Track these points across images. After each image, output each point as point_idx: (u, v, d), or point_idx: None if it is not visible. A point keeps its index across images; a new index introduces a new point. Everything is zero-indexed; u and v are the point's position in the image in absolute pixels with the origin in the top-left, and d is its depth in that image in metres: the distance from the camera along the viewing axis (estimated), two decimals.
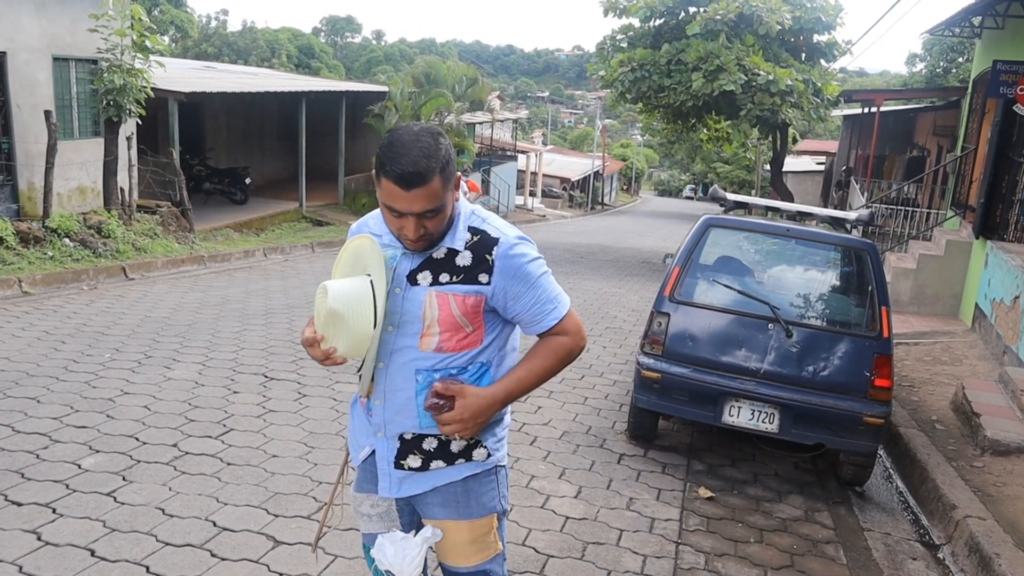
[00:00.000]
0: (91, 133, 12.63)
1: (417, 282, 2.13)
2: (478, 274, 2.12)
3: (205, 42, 58.08)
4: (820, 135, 44.16)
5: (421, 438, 2.19)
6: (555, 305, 2.19)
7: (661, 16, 18.08)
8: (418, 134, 1.99)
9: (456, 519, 2.25)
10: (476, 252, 2.13)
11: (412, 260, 2.14)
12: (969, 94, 13.51)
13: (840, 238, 5.53)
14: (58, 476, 4.26)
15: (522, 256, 2.15)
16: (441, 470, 2.22)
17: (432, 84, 21.25)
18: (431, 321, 2.11)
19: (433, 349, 2.13)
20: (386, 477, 2.24)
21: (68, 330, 7.33)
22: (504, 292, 2.13)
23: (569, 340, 2.22)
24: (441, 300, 2.11)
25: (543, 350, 2.21)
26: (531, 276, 2.15)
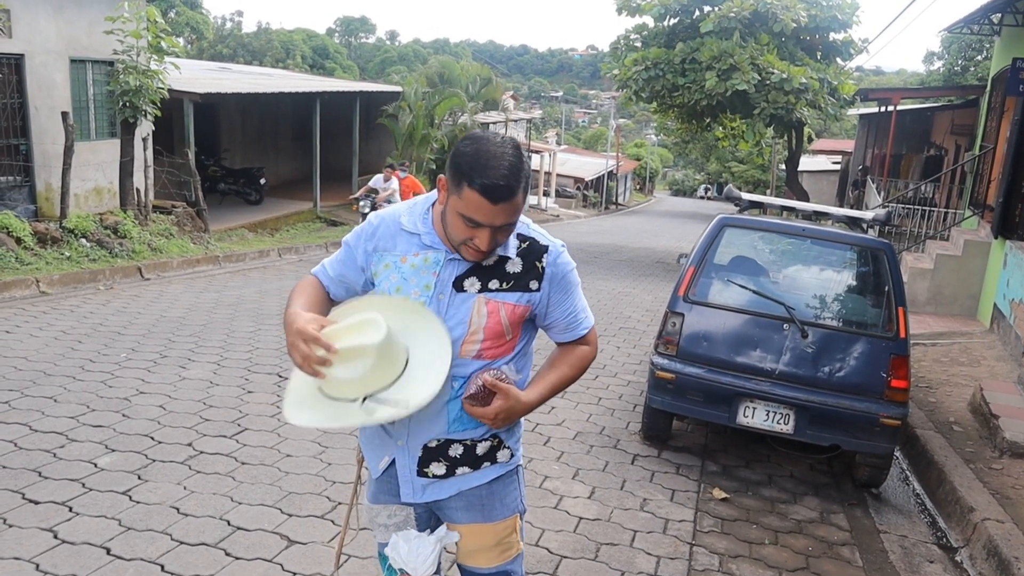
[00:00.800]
0: (107, 134, 12.71)
1: (464, 288, 2.07)
2: (529, 281, 2.11)
3: (220, 43, 58.38)
4: (836, 134, 43.92)
5: (448, 444, 2.13)
6: (587, 315, 2.27)
7: (675, 15, 18.02)
8: (503, 146, 1.94)
9: (481, 522, 2.22)
10: (526, 259, 2.11)
11: (459, 265, 2.08)
12: (988, 92, 13.39)
13: (856, 238, 5.49)
14: (74, 475, 4.29)
15: (568, 264, 2.19)
16: (467, 475, 2.18)
17: (446, 84, 21.28)
18: (477, 328, 2.07)
19: (473, 356, 2.08)
20: (408, 484, 2.18)
21: (85, 330, 7.38)
22: (548, 299, 2.16)
23: (591, 350, 2.31)
24: (491, 307, 2.07)
25: (570, 358, 2.26)
26: (572, 285, 2.20)
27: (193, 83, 14.90)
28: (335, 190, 20.01)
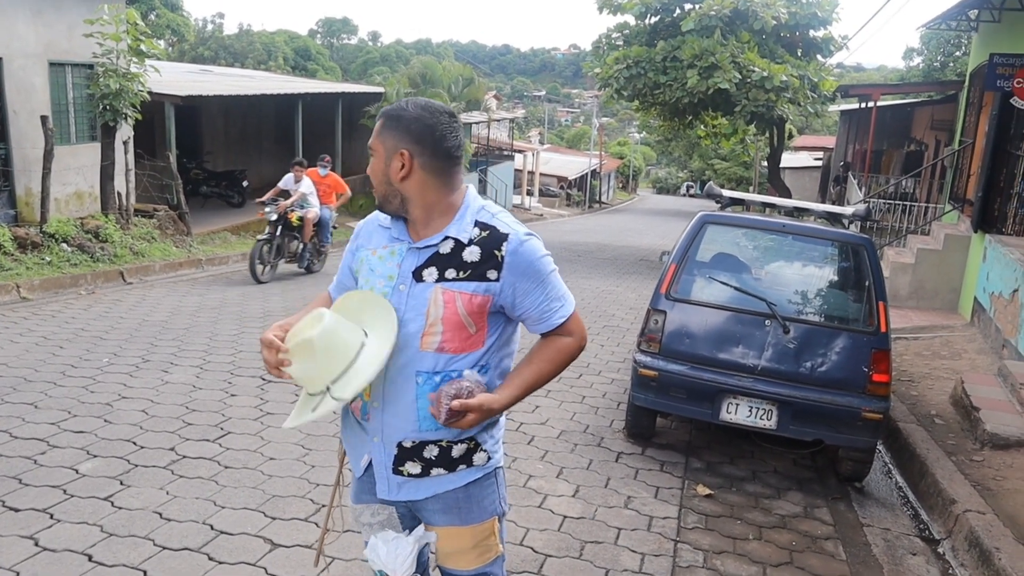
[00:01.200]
0: (88, 138, 12.63)
1: (422, 278, 2.08)
2: (487, 270, 2.07)
3: (201, 45, 58.10)
4: (818, 131, 44.17)
5: (422, 446, 2.13)
6: (562, 303, 2.17)
7: (656, 13, 18.06)
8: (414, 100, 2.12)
9: (458, 525, 2.21)
10: (485, 247, 2.08)
11: (418, 255, 2.10)
12: (966, 88, 13.50)
13: (836, 234, 5.52)
14: (56, 481, 4.26)
15: (533, 252, 2.11)
16: (442, 477, 2.17)
17: (428, 84, 21.26)
18: (434, 319, 2.06)
19: (434, 349, 2.07)
20: (384, 481, 2.19)
21: (66, 335, 7.33)
22: (513, 289, 2.09)
23: (573, 341, 2.21)
24: (447, 297, 2.06)
25: (548, 351, 2.19)
26: (541, 273, 2.12)
27: (174, 85, 14.81)
28: None
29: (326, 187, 11.88)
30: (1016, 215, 9.64)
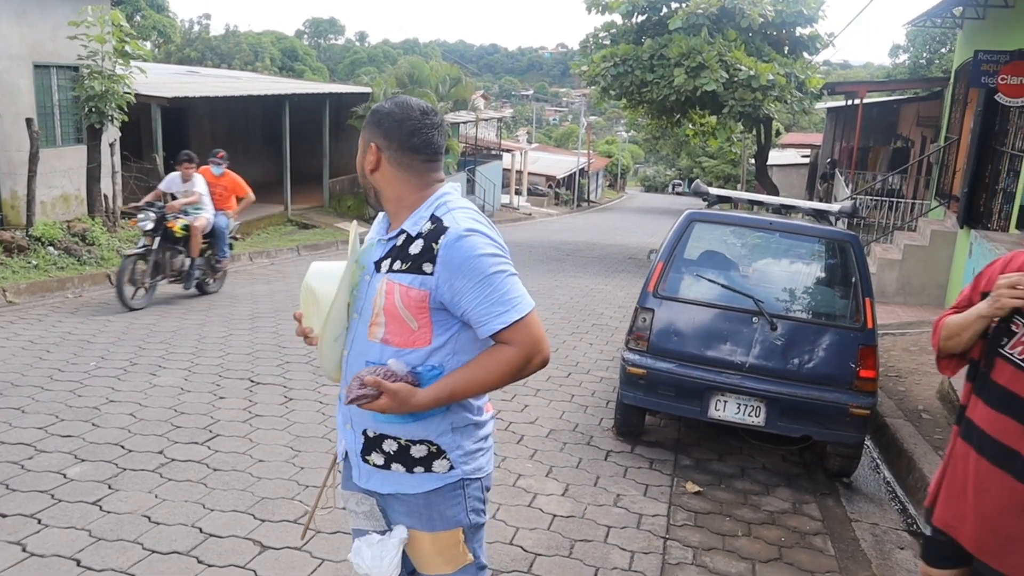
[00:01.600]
0: (74, 140, 12.56)
1: (380, 269, 2.13)
2: (423, 263, 2.04)
3: (188, 47, 57.81)
4: (805, 128, 44.32)
5: (381, 438, 2.16)
6: (505, 309, 2.01)
7: (643, 12, 18.09)
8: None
9: (420, 530, 2.21)
10: (426, 241, 2.06)
11: (383, 247, 2.16)
12: (952, 84, 13.59)
13: (823, 231, 5.54)
14: (43, 486, 4.24)
15: (471, 248, 2.01)
16: (402, 475, 2.16)
17: (416, 84, 21.23)
18: (379, 309, 2.10)
19: (379, 340, 2.10)
20: (356, 467, 2.24)
21: (53, 339, 7.29)
22: (449, 286, 2.02)
23: (515, 352, 2.03)
24: (388, 287, 2.08)
25: (486, 359, 2.07)
26: (478, 271, 2.00)
27: (160, 87, 14.74)
28: (306, 193, 19.89)
29: (222, 189, 10.01)
30: (1001, 211, 9.71)
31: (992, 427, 2.38)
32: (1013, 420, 2.32)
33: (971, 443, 2.45)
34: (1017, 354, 2.34)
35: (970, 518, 2.43)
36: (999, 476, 2.34)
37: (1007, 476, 2.32)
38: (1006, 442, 2.33)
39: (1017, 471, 2.31)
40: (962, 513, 2.45)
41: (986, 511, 2.39)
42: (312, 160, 20.90)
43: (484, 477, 2.25)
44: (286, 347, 7.37)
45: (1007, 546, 2.36)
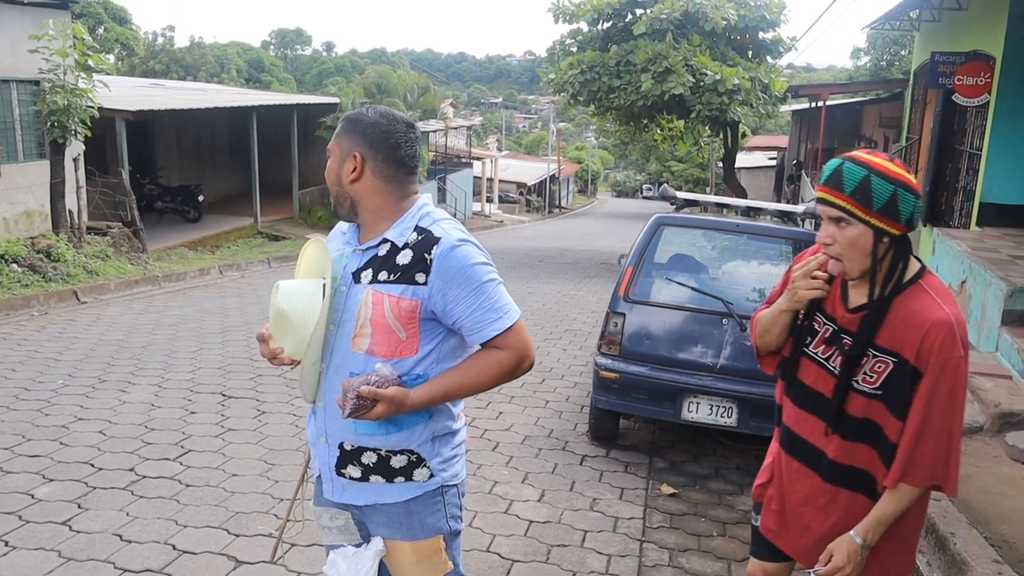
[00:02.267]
0: (36, 155, 12.40)
1: (360, 280, 2.11)
2: (415, 273, 2.06)
3: (152, 59, 57.17)
4: (771, 131, 44.85)
5: (360, 451, 2.14)
6: (499, 316, 2.08)
7: (608, 19, 18.22)
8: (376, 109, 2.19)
9: (400, 540, 2.20)
10: (416, 251, 2.08)
11: (360, 258, 2.14)
12: (911, 86, 13.83)
13: (789, 231, 5.61)
14: (10, 507, 4.17)
15: (465, 257, 2.07)
16: (381, 486, 2.16)
17: (384, 94, 21.20)
18: (364, 320, 2.08)
19: (365, 351, 2.09)
20: (329, 482, 2.21)
21: (18, 357, 7.18)
22: (443, 295, 2.06)
23: (509, 356, 2.11)
24: (376, 299, 2.07)
25: (479, 361, 2.13)
26: (473, 280, 2.06)
27: (125, 100, 14.60)
28: (276, 205, 19.79)
29: None
30: (962, 208, 9.89)
31: (800, 427, 2.34)
32: (818, 420, 2.28)
33: (782, 443, 2.44)
34: (820, 353, 2.28)
35: (778, 517, 2.43)
36: (808, 475, 2.33)
37: (815, 476, 2.31)
38: (813, 442, 2.30)
39: (823, 471, 2.29)
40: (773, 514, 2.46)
41: (793, 507, 2.38)
42: (281, 172, 20.80)
43: (460, 483, 2.27)
44: (258, 360, 7.31)
45: (799, 534, 2.38)
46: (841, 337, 2.23)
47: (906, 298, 2.15)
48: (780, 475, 2.43)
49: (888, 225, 2.07)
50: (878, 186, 2.04)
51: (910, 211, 2.07)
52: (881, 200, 2.04)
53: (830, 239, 2.12)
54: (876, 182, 2.04)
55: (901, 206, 2.05)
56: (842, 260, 2.13)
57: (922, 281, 2.17)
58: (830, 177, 2.11)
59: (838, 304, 2.26)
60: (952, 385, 2.09)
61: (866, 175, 2.05)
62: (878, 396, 2.17)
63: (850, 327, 2.21)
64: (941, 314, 2.09)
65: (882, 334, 2.15)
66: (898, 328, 2.13)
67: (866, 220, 2.07)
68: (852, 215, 2.07)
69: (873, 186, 2.04)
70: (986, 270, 6.89)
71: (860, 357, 2.18)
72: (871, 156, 2.10)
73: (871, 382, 2.18)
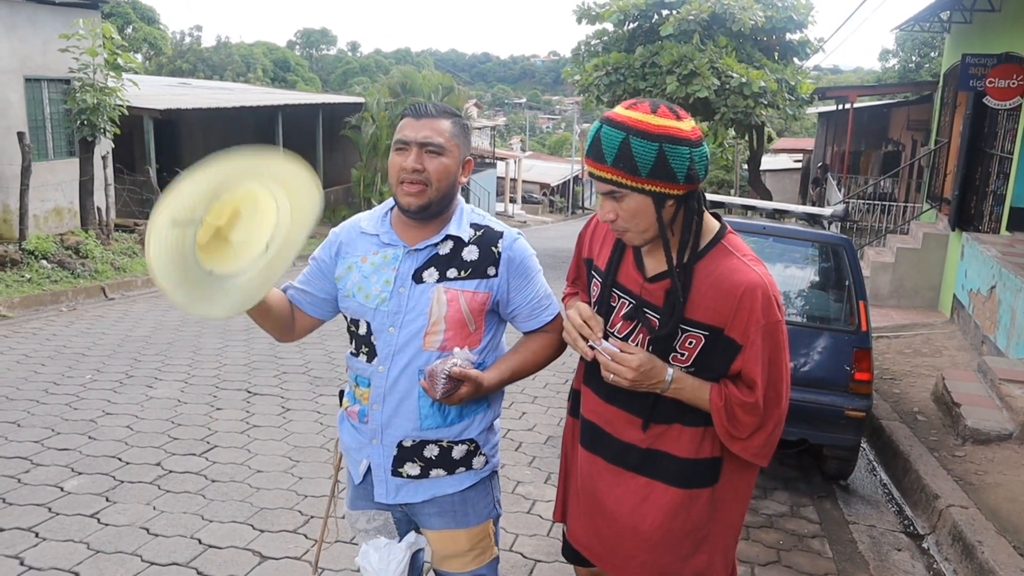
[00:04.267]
0: (66, 153, 12.57)
1: (423, 279, 2.11)
2: (486, 267, 2.14)
3: (179, 59, 57.81)
4: (797, 133, 44.49)
5: (423, 445, 2.15)
6: (551, 302, 2.26)
7: (634, 20, 18.15)
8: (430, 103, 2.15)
9: (455, 528, 2.23)
10: (482, 246, 2.15)
11: (417, 257, 2.13)
12: (940, 88, 13.68)
13: (815, 234, 5.57)
14: (40, 500, 4.23)
15: (525, 250, 2.21)
16: (441, 479, 2.20)
17: (408, 94, 21.28)
18: (437, 318, 2.10)
19: (437, 348, 2.11)
20: (382, 484, 2.20)
21: (48, 352, 7.28)
22: (507, 285, 2.17)
23: (557, 337, 2.26)
24: (450, 296, 2.10)
25: (535, 344, 2.25)
26: (531, 270, 2.21)
27: (152, 99, 14.76)
28: None
29: None
30: (992, 213, 9.77)
31: (603, 420, 2.12)
32: (627, 413, 2.06)
33: (582, 441, 2.22)
34: (618, 331, 2.05)
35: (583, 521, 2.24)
36: (615, 473, 2.11)
37: (621, 471, 2.10)
38: (616, 435, 2.09)
39: (631, 464, 2.08)
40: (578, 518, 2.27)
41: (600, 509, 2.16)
42: None
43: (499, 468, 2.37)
44: (283, 358, 7.36)
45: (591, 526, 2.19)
46: (644, 312, 1.99)
47: (709, 262, 1.93)
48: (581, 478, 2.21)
49: (665, 187, 1.82)
50: (639, 148, 1.78)
51: (686, 166, 1.81)
52: (647, 163, 1.79)
53: (612, 214, 1.90)
54: (636, 144, 1.78)
55: (673, 164, 1.80)
56: (628, 233, 1.92)
57: (724, 242, 1.97)
58: (591, 146, 1.86)
59: (633, 272, 2.02)
60: (774, 351, 1.92)
61: (624, 138, 1.79)
62: (691, 374, 1.98)
63: (653, 299, 1.98)
64: (753, 277, 1.90)
65: (689, 306, 1.93)
66: (707, 297, 1.91)
67: (639, 187, 1.82)
68: (622, 185, 1.83)
69: (634, 149, 1.78)
70: (1016, 275, 6.80)
71: (672, 337, 1.96)
72: (630, 111, 1.83)
73: (682, 360, 1.97)
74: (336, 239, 2.27)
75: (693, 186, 1.87)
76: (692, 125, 1.86)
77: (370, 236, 2.20)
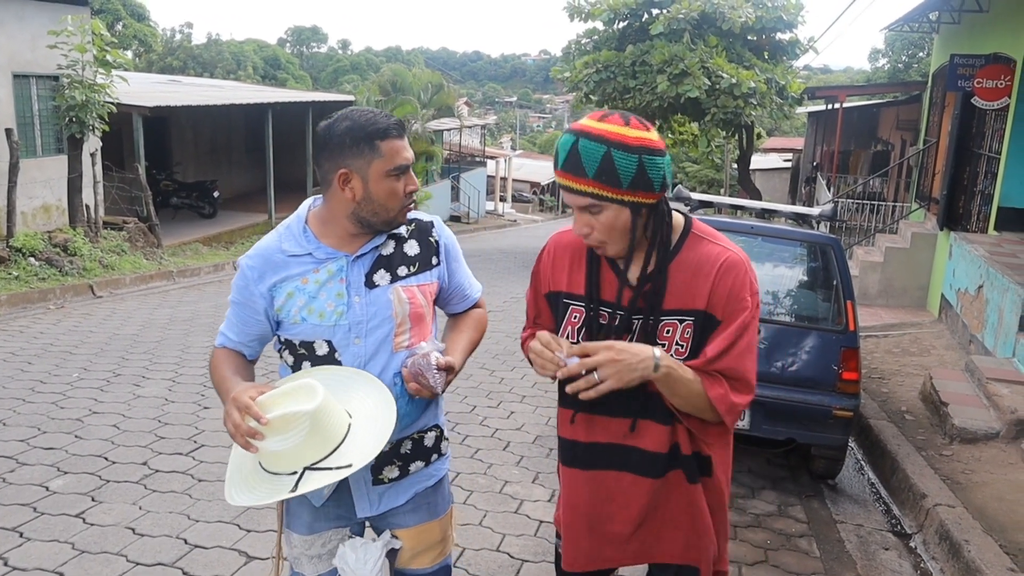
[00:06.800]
0: (54, 150, 12.50)
1: (376, 284, 2.07)
2: (430, 257, 2.17)
3: (170, 55, 57.50)
4: (787, 132, 44.63)
5: (399, 444, 2.14)
6: (473, 280, 2.34)
7: (624, 19, 18.14)
8: (362, 108, 2.05)
9: (429, 520, 2.25)
10: (420, 238, 2.16)
11: (364, 263, 2.07)
12: (929, 88, 13.73)
13: (803, 234, 5.58)
14: (25, 499, 4.20)
15: (451, 233, 2.27)
16: (420, 473, 2.21)
17: (399, 92, 21.27)
18: (402, 318, 2.08)
19: (406, 347, 2.10)
20: (363, 498, 2.16)
21: (35, 350, 7.23)
22: (447, 270, 2.22)
23: (485, 313, 2.37)
24: (409, 294, 2.09)
25: (473, 321, 2.32)
26: (459, 253, 2.28)
27: (142, 96, 14.69)
28: (290, 201, 19.76)
29: None
30: (980, 212, 9.82)
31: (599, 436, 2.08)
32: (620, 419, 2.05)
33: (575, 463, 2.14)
34: None
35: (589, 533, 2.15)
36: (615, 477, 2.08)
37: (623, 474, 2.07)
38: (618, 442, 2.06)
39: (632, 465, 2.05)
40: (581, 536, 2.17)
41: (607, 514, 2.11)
42: (296, 169, 20.86)
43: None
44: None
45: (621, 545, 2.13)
46: (632, 319, 2.01)
47: (685, 254, 1.99)
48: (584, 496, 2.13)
49: (643, 197, 1.87)
50: (621, 161, 1.82)
51: (661, 176, 1.88)
52: (629, 175, 1.83)
53: (587, 228, 1.92)
54: (619, 157, 1.82)
55: (651, 174, 1.85)
56: (605, 245, 1.94)
57: (693, 231, 2.02)
58: (567, 160, 1.87)
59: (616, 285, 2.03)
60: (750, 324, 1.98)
61: (606, 151, 1.82)
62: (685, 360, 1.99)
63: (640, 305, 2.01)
64: (728, 254, 1.97)
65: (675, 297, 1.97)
66: (689, 283, 1.97)
67: (619, 199, 1.86)
68: (602, 198, 1.86)
69: (616, 163, 1.82)
70: (1003, 275, 6.83)
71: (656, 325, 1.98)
72: (605, 124, 1.86)
73: (683, 352, 1.99)
74: (258, 272, 2.06)
75: (663, 195, 1.94)
76: (658, 135, 1.91)
77: (300, 257, 2.06)
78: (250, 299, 2.08)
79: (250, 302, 2.08)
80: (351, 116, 1.99)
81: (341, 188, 1.98)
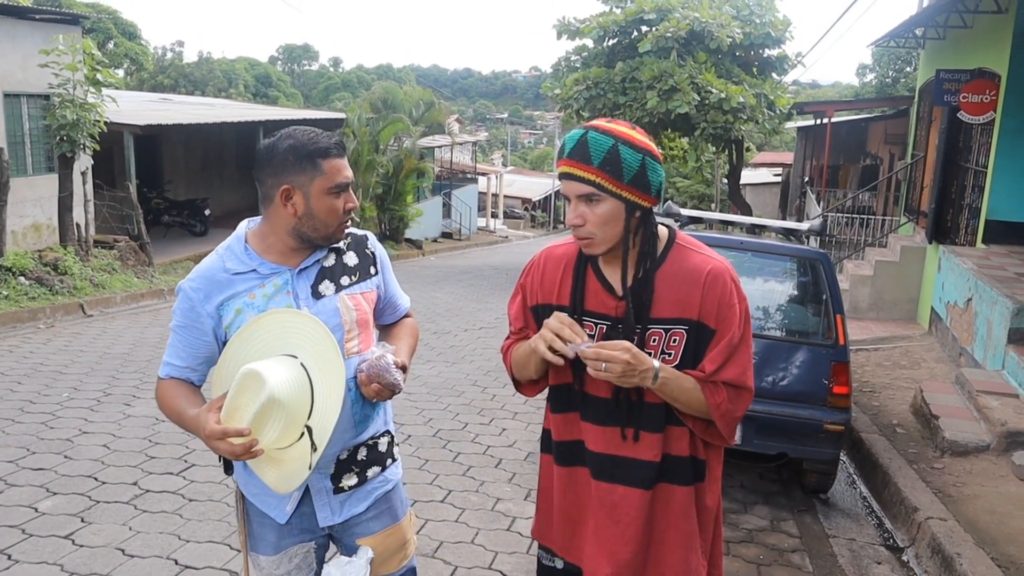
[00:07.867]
0: (45, 169, 12.47)
1: (322, 293, 2.11)
2: (368, 267, 2.24)
3: (161, 74, 57.52)
4: (776, 147, 44.83)
5: (355, 451, 2.18)
6: (403, 292, 2.43)
7: (614, 36, 18.26)
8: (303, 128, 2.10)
9: (392, 524, 2.29)
10: (357, 249, 2.23)
11: (308, 275, 2.11)
12: (916, 103, 13.85)
13: (792, 249, 5.61)
14: (13, 521, 4.17)
15: (383, 248, 2.35)
16: (377, 478, 2.24)
17: (390, 109, 21.31)
18: (351, 324, 2.13)
19: (355, 353, 2.13)
20: (326, 507, 2.17)
21: (24, 370, 7.20)
22: (383, 280, 2.30)
23: (416, 322, 2.48)
24: (355, 302, 2.15)
25: (409, 329, 2.41)
26: (389, 264, 2.36)
27: (133, 115, 14.69)
28: None
29: None
30: (968, 225, 9.88)
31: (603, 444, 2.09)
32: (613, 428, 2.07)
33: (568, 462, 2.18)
34: None
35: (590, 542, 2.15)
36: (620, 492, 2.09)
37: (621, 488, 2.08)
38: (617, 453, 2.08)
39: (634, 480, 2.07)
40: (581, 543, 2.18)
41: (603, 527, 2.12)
42: None
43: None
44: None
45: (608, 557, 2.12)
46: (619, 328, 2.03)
47: (671, 263, 2.04)
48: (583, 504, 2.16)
49: (640, 198, 1.94)
50: (627, 155, 1.91)
51: (659, 181, 1.96)
52: (632, 170, 1.91)
53: (580, 219, 1.95)
54: (625, 151, 1.91)
55: (651, 176, 1.94)
56: (594, 239, 1.98)
57: (678, 242, 2.07)
58: (574, 149, 1.94)
59: (603, 295, 2.06)
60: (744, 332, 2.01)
61: (613, 144, 1.91)
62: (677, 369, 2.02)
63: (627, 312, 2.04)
64: (714, 264, 2.02)
65: (664, 307, 2.01)
66: (676, 292, 2.01)
67: (618, 193, 1.92)
68: (603, 189, 1.92)
69: (622, 156, 1.91)
70: (992, 288, 6.88)
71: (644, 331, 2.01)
72: (614, 124, 1.96)
73: (671, 360, 2.02)
74: (203, 293, 2.07)
75: (657, 201, 2.00)
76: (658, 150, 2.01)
77: (244, 274, 2.07)
78: (196, 320, 2.08)
79: (196, 324, 2.08)
80: (294, 135, 2.05)
81: (283, 204, 2.04)
